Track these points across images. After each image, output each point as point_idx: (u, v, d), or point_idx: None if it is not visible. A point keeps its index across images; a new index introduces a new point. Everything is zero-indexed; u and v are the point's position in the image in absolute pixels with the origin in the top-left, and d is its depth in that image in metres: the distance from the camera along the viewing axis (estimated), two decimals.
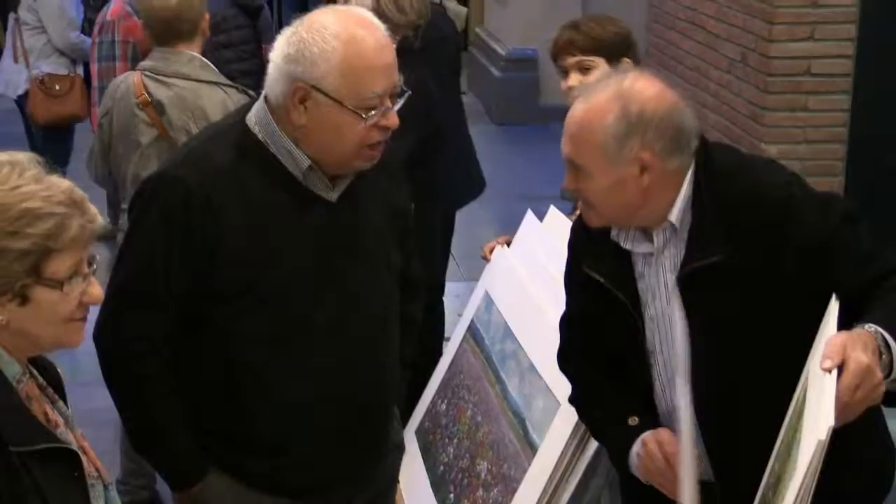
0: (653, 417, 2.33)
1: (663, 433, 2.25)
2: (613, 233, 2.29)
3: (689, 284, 2.18)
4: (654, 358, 2.30)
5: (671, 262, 2.23)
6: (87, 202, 1.82)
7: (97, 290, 1.85)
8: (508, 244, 3.68)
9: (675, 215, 2.20)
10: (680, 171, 2.18)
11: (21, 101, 7.06)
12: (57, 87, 6.79)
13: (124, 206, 4.15)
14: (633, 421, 2.31)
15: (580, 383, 2.52)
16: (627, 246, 2.28)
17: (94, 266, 1.85)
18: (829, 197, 2.18)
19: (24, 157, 1.82)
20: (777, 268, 2.11)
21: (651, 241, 2.24)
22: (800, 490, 1.56)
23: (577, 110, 2.18)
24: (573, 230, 2.50)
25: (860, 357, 1.77)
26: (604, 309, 2.32)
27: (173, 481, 2.55)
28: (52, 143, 6.64)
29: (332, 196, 2.39)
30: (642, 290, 2.28)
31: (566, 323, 2.55)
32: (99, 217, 1.83)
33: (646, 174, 2.15)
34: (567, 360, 2.56)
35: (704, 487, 2.29)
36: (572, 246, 2.47)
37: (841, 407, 1.74)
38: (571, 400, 2.55)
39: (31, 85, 6.81)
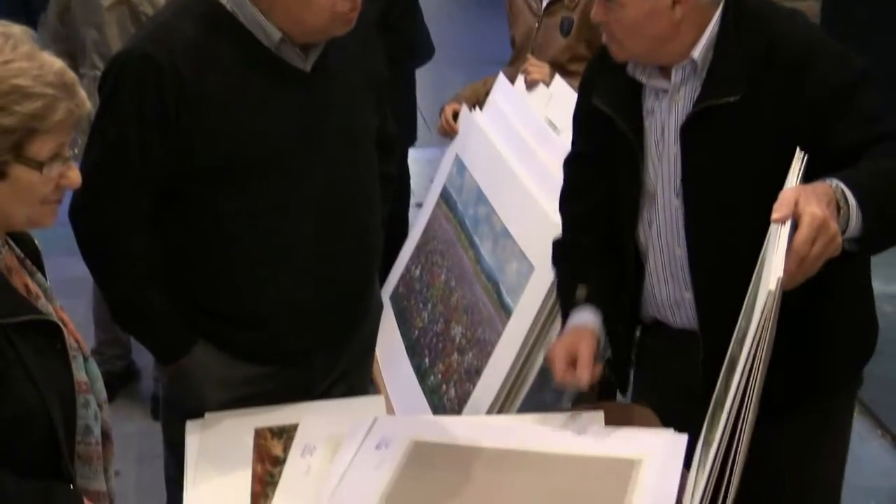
0: (603, 290, 2.37)
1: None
2: (630, 66, 2.28)
3: (699, 123, 2.19)
4: (651, 200, 2.31)
5: (685, 101, 2.23)
6: (77, 86, 1.78)
7: (76, 174, 1.83)
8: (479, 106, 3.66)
9: (698, 52, 2.19)
10: (710, 8, 2.19)
11: None
12: None
13: (82, 70, 4.09)
14: (581, 292, 2.35)
15: (565, 231, 2.56)
16: (643, 79, 2.28)
17: (76, 150, 1.82)
18: (850, 53, 2.16)
19: (18, 30, 1.77)
20: (786, 116, 2.11)
21: (668, 78, 2.24)
22: (753, 342, 1.57)
23: None
24: (588, 67, 2.51)
25: (814, 210, 1.77)
26: (607, 146, 2.34)
27: (159, 355, 2.57)
28: None
29: (306, 66, 2.36)
30: (649, 127, 2.29)
31: (569, 162, 2.57)
32: (87, 103, 1.80)
33: (678, 6, 2.15)
34: (563, 201, 2.59)
35: (687, 336, 2.33)
36: (585, 81, 2.48)
37: (798, 261, 1.75)
38: (554, 243, 2.58)
39: None
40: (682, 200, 2.25)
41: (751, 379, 1.57)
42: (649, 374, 2.54)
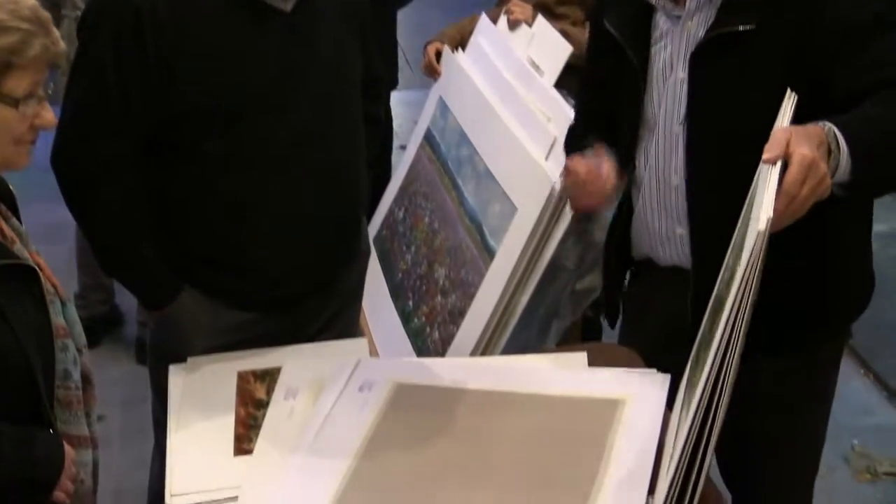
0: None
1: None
2: None
3: (711, 51, 2.15)
4: (650, 130, 2.30)
5: (698, 27, 2.20)
6: (51, 24, 1.77)
7: (50, 114, 1.81)
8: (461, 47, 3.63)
9: None
10: None
11: None
12: None
13: (65, 12, 4.04)
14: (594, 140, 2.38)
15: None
16: (656, 3, 2.24)
17: (50, 91, 1.80)
18: None
19: None
20: (799, 50, 2.07)
21: (682, 3, 2.21)
22: (741, 283, 1.56)
23: None
24: None
25: (805, 151, 1.76)
26: (614, 70, 2.32)
27: (146, 301, 2.57)
28: None
29: (287, 6, 2.32)
30: (656, 53, 2.27)
31: (582, 88, 2.58)
32: (62, 42, 1.78)
33: None
34: (572, 129, 2.60)
35: (678, 273, 2.33)
36: (597, 5, 2.46)
37: (787, 201, 1.73)
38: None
39: None
40: (684, 128, 2.23)
41: (737, 320, 1.57)
42: (634, 318, 2.54)
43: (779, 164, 1.75)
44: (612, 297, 2.54)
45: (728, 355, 1.57)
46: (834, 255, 2.23)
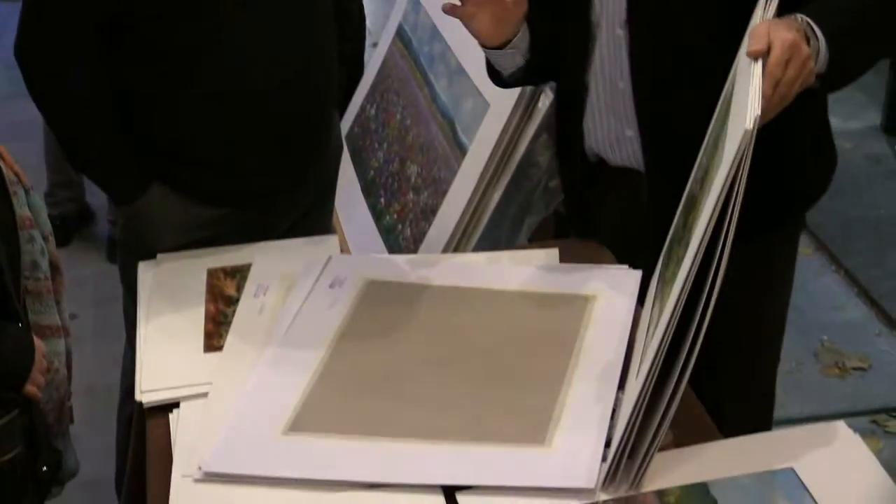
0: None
1: None
2: None
3: None
4: (594, 37, 2.25)
5: None
6: None
7: None
8: None
9: None
10: None
11: None
12: None
13: None
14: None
15: None
16: None
17: None
18: None
19: None
20: None
21: None
22: (726, 181, 1.55)
23: None
24: None
25: (785, 34, 1.73)
26: None
27: (114, 196, 2.57)
28: None
29: None
30: None
31: None
32: None
33: None
34: None
35: (630, 175, 2.31)
36: None
37: (773, 84, 1.71)
38: None
39: None
40: (626, 31, 2.19)
41: (726, 218, 1.55)
42: (590, 218, 2.51)
43: (760, 61, 1.72)
44: (572, 200, 2.51)
45: (718, 251, 1.56)
46: (790, 135, 2.18)
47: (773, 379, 2.54)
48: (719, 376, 2.39)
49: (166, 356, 2.04)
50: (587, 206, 2.47)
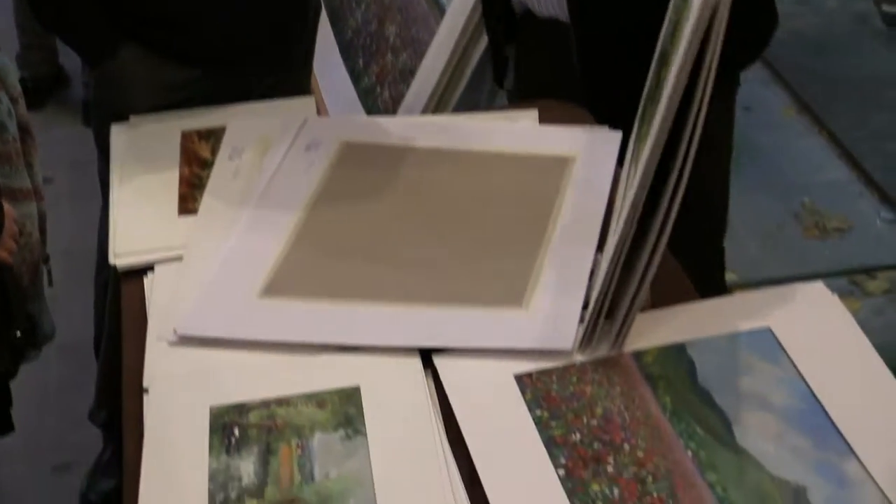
0: None
1: None
2: None
3: None
4: None
5: None
6: None
7: None
8: None
9: None
10: None
11: None
12: None
13: None
14: None
15: None
16: None
17: None
18: None
19: None
20: None
21: None
22: (696, 28, 1.48)
23: None
24: None
25: None
26: None
27: (85, 56, 2.52)
28: None
29: None
30: None
31: None
32: None
33: None
34: None
35: (555, 25, 2.25)
36: None
37: None
38: None
39: None
40: None
41: (702, 69, 1.51)
42: (524, 74, 2.45)
43: None
44: (498, 53, 2.45)
45: (695, 103, 1.51)
46: None
47: (721, 241, 2.52)
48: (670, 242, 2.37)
49: (140, 220, 2.01)
50: (507, 60, 2.42)
